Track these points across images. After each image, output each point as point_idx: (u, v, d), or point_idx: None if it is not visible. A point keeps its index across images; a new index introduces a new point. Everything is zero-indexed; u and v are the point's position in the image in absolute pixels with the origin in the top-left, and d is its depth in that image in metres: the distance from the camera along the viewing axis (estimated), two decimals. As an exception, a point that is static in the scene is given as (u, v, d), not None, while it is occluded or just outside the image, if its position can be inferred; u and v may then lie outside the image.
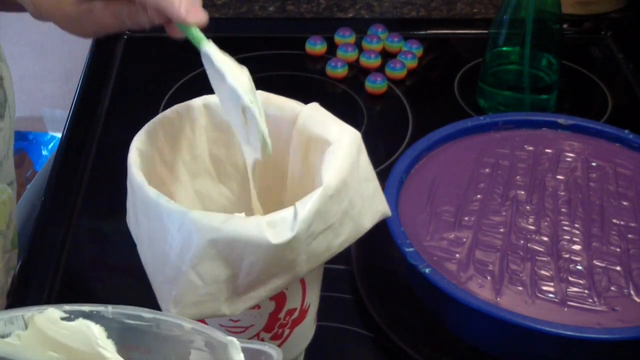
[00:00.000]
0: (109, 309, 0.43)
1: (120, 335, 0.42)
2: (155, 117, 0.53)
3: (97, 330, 0.42)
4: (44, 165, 1.23)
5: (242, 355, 0.40)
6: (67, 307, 0.42)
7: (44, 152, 1.52)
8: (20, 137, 1.51)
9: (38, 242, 0.74)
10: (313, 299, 0.53)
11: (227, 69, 0.49)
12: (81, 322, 0.42)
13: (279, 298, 0.50)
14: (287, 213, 0.44)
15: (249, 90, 0.48)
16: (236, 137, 0.54)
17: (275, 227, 0.44)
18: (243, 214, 0.45)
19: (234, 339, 0.41)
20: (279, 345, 0.52)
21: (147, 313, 0.43)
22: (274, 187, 0.55)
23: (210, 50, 0.49)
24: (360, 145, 0.49)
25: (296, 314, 0.52)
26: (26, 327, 0.42)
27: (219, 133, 0.55)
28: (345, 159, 0.47)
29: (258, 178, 0.55)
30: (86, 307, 0.42)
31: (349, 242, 0.48)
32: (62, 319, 0.42)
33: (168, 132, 0.54)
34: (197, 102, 0.55)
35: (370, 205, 0.49)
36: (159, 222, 0.46)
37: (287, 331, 0.52)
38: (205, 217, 0.44)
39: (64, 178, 0.81)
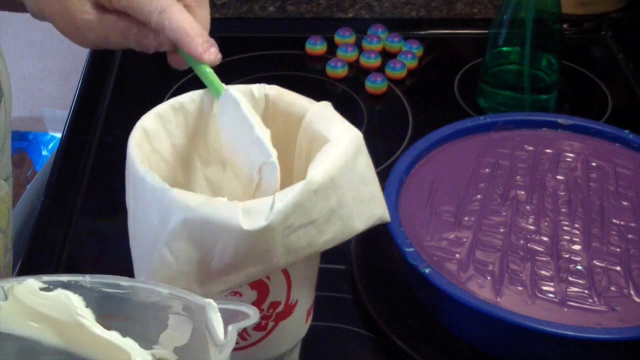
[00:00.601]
0: (86, 279, 0.43)
1: (99, 303, 0.43)
2: (168, 100, 0.54)
3: (75, 300, 0.42)
4: (44, 165, 1.23)
5: (219, 314, 0.41)
6: (46, 277, 0.43)
7: (44, 152, 1.52)
8: (20, 137, 1.51)
9: (38, 242, 0.74)
10: (302, 297, 0.53)
11: (255, 120, 0.50)
12: (60, 292, 0.43)
13: (261, 288, 0.50)
14: (264, 202, 0.44)
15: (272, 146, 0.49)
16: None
17: (251, 214, 0.44)
18: (225, 199, 0.45)
19: (212, 301, 0.41)
20: (263, 337, 0.52)
21: (124, 281, 0.43)
22: (282, 181, 0.55)
23: (239, 96, 0.50)
24: (360, 146, 0.49)
25: (281, 307, 0.51)
26: (6, 298, 0.43)
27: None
28: (337, 158, 0.47)
29: None
30: (64, 277, 0.43)
31: (336, 241, 0.48)
32: (41, 289, 0.43)
33: (180, 117, 0.54)
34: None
35: (365, 208, 0.49)
36: (143, 198, 0.47)
37: (271, 324, 0.52)
38: (183, 196, 0.45)
39: (64, 178, 0.81)
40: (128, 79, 0.95)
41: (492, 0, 1.08)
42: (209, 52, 0.52)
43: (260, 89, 0.54)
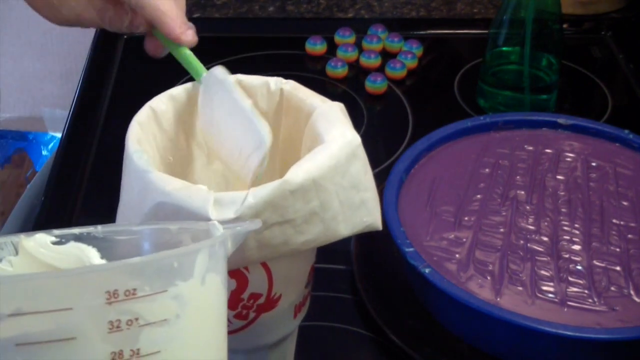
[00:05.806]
0: (98, 229, 0.42)
1: (112, 252, 0.42)
2: (183, 85, 0.54)
3: (90, 252, 0.41)
4: (44, 165, 1.23)
5: (222, 228, 0.41)
6: (57, 231, 0.42)
7: (44, 152, 1.52)
8: (20, 137, 1.51)
9: (38, 242, 0.74)
10: (287, 292, 0.52)
11: (244, 100, 0.50)
12: (73, 245, 0.42)
13: (240, 278, 0.50)
14: (238, 195, 0.44)
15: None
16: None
17: (222, 206, 0.44)
18: (203, 187, 0.45)
19: (215, 222, 0.41)
20: (245, 326, 0.52)
21: (134, 227, 0.43)
22: None
23: (225, 77, 0.51)
24: (356, 151, 0.48)
25: (262, 299, 0.51)
26: (17, 252, 0.42)
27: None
28: (324, 161, 0.46)
29: (279, 168, 0.55)
30: (76, 230, 0.42)
31: (317, 243, 0.48)
32: (53, 243, 0.42)
33: (195, 100, 0.54)
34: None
35: (353, 214, 0.48)
36: (129, 175, 0.48)
37: (252, 314, 0.52)
38: (160, 180, 0.45)
39: (64, 178, 0.81)
40: (128, 79, 0.95)
41: (492, 0, 1.08)
42: (187, 34, 0.52)
43: (277, 83, 0.54)
